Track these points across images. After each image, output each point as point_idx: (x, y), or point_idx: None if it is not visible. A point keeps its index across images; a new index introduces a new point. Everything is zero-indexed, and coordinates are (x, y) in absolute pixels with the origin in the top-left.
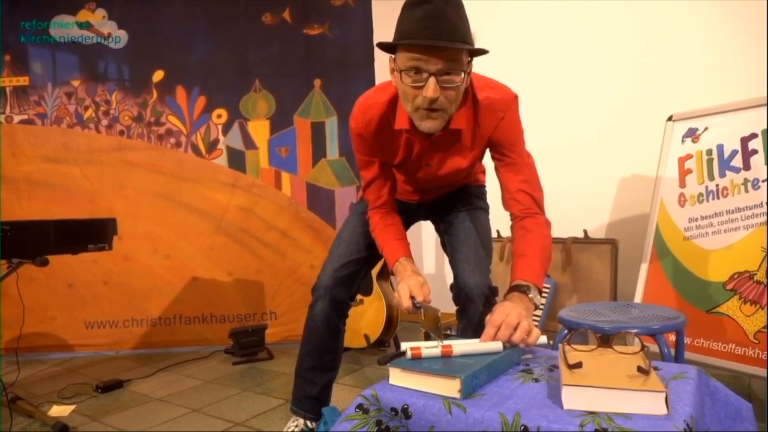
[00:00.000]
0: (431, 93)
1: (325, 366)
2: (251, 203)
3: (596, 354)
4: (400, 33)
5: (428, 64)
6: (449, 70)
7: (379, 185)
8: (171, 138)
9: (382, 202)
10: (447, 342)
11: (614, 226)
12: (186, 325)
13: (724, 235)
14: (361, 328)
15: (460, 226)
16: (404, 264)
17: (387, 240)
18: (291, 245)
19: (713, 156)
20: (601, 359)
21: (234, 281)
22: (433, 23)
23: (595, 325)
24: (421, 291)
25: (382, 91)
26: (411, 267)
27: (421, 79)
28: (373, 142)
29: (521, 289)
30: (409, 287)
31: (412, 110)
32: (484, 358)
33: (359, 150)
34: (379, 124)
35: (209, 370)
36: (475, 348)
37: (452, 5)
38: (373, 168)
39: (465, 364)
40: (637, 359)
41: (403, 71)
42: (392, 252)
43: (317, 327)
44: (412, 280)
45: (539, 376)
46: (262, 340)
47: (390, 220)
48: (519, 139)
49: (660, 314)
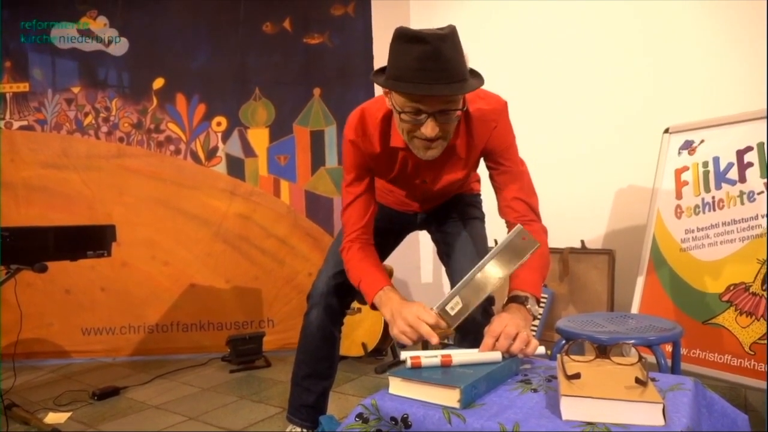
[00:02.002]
0: (430, 132)
1: (320, 374)
2: (250, 210)
3: (594, 365)
4: (396, 73)
5: (427, 105)
6: (448, 109)
7: (363, 206)
8: (170, 145)
9: (362, 229)
10: (446, 351)
11: (611, 236)
12: (183, 332)
13: (720, 247)
14: (358, 336)
15: (457, 236)
16: (389, 294)
17: (365, 270)
18: (289, 253)
19: (709, 168)
20: (599, 370)
21: (232, 288)
22: (431, 65)
23: (592, 335)
24: (429, 314)
25: (378, 104)
26: (398, 296)
27: (420, 118)
28: (367, 154)
29: (519, 299)
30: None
31: (410, 140)
32: (483, 368)
33: (351, 162)
34: (375, 137)
35: (206, 377)
36: (474, 358)
37: (448, 42)
38: (361, 185)
39: (464, 374)
40: (634, 370)
41: (401, 112)
42: (374, 282)
43: (312, 334)
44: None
45: (538, 387)
46: (260, 347)
47: (369, 252)
48: (512, 146)
49: (657, 325)
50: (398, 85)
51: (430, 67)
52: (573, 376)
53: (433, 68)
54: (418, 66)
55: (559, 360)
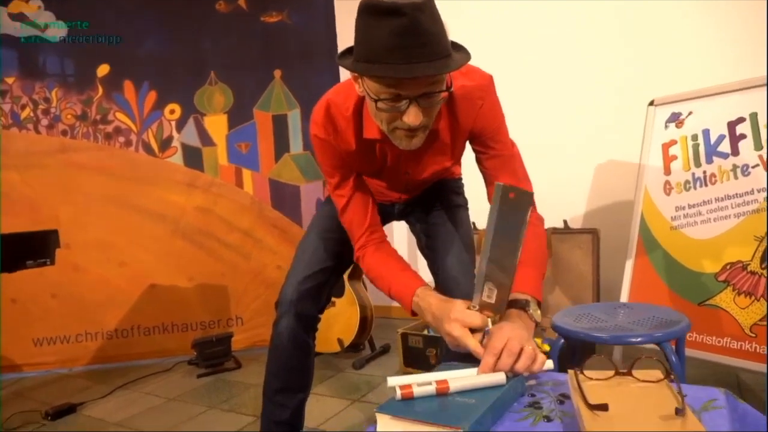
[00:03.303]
0: (414, 120)
1: (294, 387)
2: (211, 203)
3: (614, 384)
4: (367, 54)
5: (407, 90)
6: (431, 91)
7: (361, 205)
8: (120, 137)
9: (369, 230)
10: (442, 375)
11: (595, 215)
12: (145, 336)
13: (713, 224)
14: (333, 332)
15: (441, 228)
16: (425, 296)
17: (390, 276)
18: (255, 246)
19: (699, 141)
20: (622, 393)
21: (195, 287)
22: (409, 41)
23: (591, 334)
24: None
25: (345, 92)
26: (435, 296)
27: (399, 105)
28: (342, 151)
29: (519, 304)
30: (460, 322)
31: (388, 131)
32: (485, 394)
33: (330, 163)
34: (348, 132)
35: (172, 385)
36: (474, 382)
37: (426, 12)
38: (350, 184)
39: (465, 406)
40: (663, 391)
41: (377, 100)
42: (404, 287)
43: (283, 346)
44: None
45: (550, 413)
46: (228, 349)
47: (386, 252)
48: (501, 127)
49: (660, 317)
50: (372, 68)
51: (408, 43)
52: (598, 406)
53: (412, 44)
54: (394, 43)
55: (572, 378)
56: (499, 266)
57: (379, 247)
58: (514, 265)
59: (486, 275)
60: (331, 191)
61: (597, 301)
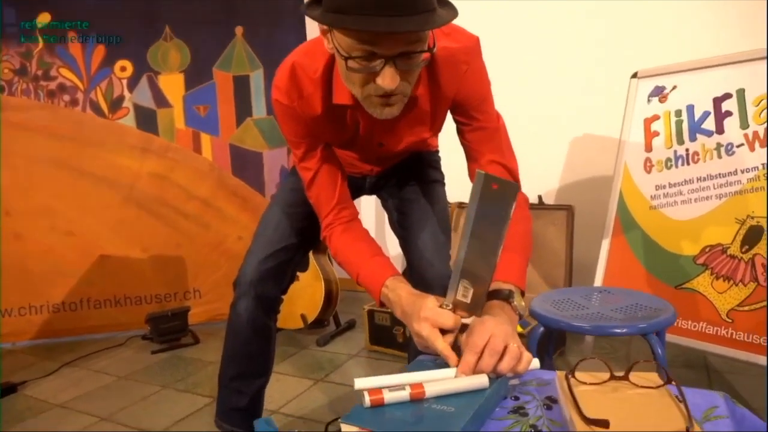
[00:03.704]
0: (389, 83)
1: (253, 373)
2: (166, 169)
3: (609, 391)
4: (338, 3)
5: (383, 47)
6: (411, 51)
7: (329, 179)
8: (65, 95)
9: (337, 207)
10: (416, 377)
11: (570, 191)
12: (95, 310)
13: (694, 205)
14: (297, 307)
15: (415, 205)
16: (396, 288)
17: (358, 261)
18: (215, 216)
19: (683, 118)
20: (619, 401)
21: (150, 258)
22: None
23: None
24: (450, 318)
25: (313, 52)
26: (406, 289)
27: (374, 65)
28: (307, 118)
29: (502, 295)
30: (431, 322)
31: (361, 96)
32: (466, 399)
33: (293, 132)
34: (315, 97)
35: (124, 361)
36: (453, 386)
37: None
38: (316, 155)
39: (444, 416)
40: (663, 399)
41: (348, 58)
42: (373, 275)
43: (241, 329)
44: (425, 311)
45: (537, 420)
46: (185, 323)
47: (356, 234)
48: (487, 96)
49: (644, 304)
50: (343, 20)
51: None
52: (598, 422)
53: None
54: None
55: (562, 383)
56: (478, 263)
57: (348, 228)
58: (494, 263)
59: (462, 272)
60: (297, 163)
61: (569, 280)
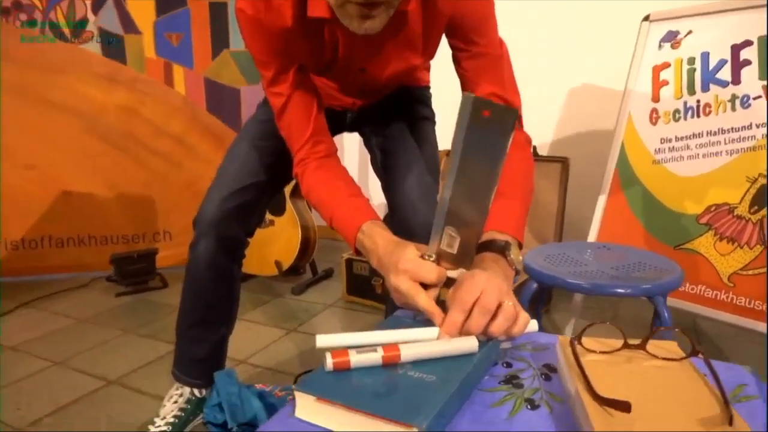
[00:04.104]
0: None
1: (213, 321)
2: (136, 102)
3: (623, 361)
4: None
5: None
6: None
7: (302, 106)
8: (21, 14)
9: (313, 141)
10: (390, 336)
11: (566, 143)
12: (58, 249)
13: (702, 161)
14: (271, 253)
15: (400, 144)
16: (372, 234)
17: (333, 202)
18: (187, 154)
19: (696, 66)
20: (635, 376)
21: (117, 196)
22: None
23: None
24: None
25: None
26: (385, 235)
27: None
28: (277, 34)
29: (497, 246)
30: (410, 275)
31: (338, 6)
32: (450, 366)
33: (261, 48)
34: (285, 6)
35: (85, 304)
36: (436, 349)
37: None
38: (289, 78)
39: (423, 387)
40: (687, 372)
41: None
42: (348, 219)
43: (201, 273)
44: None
45: (533, 393)
46: (152, 266)
47: (332, 171)
48: (490, 17)
49: (647, 262)
50: None
51: None
52: (614, 403)
53: None
54: None
55: (566, 351)
56: (466, 206)
57: (323, 164)
58: (486, 206)
59: (447, 216)
60: (266, 88)
61: (560, 236)
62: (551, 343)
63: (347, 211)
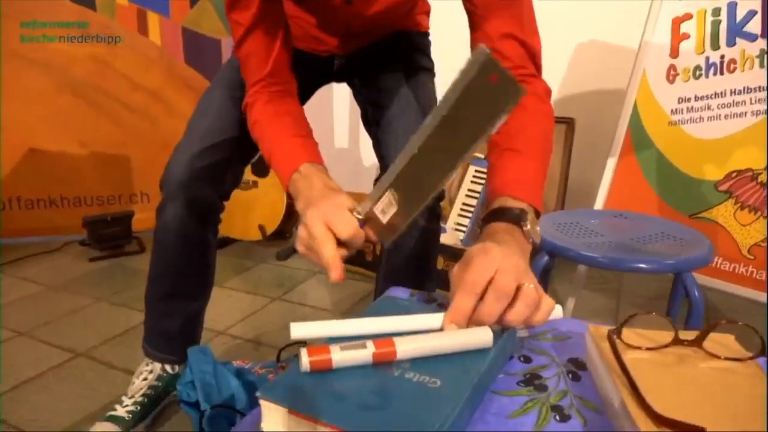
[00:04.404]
0: None
1: (185, 293)
2: (107, 54)
3: (674, 362)
4: None
5: None
6: None
7: (265, 40)
8: None
9: (270, 79)
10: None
11: (572, 103)
12: (27, 210)
13: (723, 122)
14: (255, 217)
15: (394, 96)
16: (310, 175)
17: (276, 139)
18: (164, 110)
19: (721, 17)
20: (690, 379)
21: (90, 155)
22: None
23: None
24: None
25: None
26: (325, 180)
27: None
28: None
29: (511, 215)
30: (325, 221)
31: None
32: (459, 367)
33: None
34: None
35: (56, 269)
36: (442, 344)
37: None
38: (249, 9)
39: (424, 395)
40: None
41: None
42: (287, 157)
43: (169, 241)
44: (325, 207)
45: (560, 398)
46: (128, 229)
47: (284, 106)
48: None
49: (671, 233)
50: None
51: None
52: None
53: None
54: None
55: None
56: (422, 175)
57: (275, 98)
58: (442, 181)
59: (398, 178)
60: (227, 13)
61: (562, 204)
62: (576, 331)
63: (290, 149)
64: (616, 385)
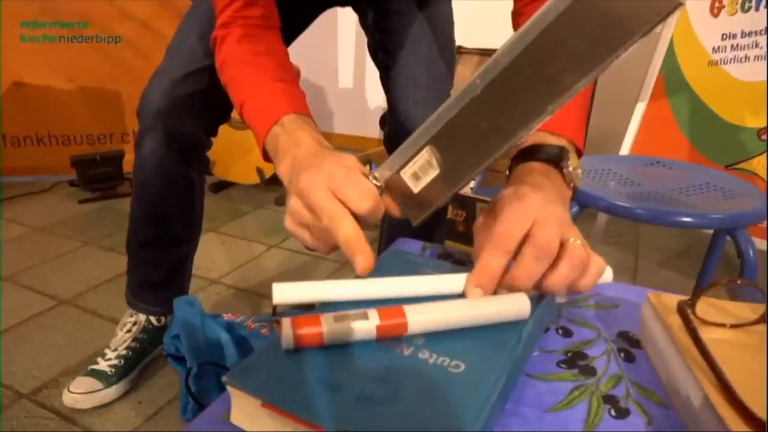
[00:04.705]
0: None
1: (169, 239)
2: None
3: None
4: None
5: None
6: None
7: None
8: None
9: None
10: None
11: None
12: (13, 148)
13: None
14: (253, 159)
15: (405, 21)
16: (295, 129)
17: (254, 83)
18: (157, 42)
19: None
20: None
21: (78, 90)
22: None
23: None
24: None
25: None
26: (314, 134)
27: None
28: None
29: (550, 153)
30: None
31: None
32: (487, 346)
33: None
34: None
35: (44, 210)
36: (466, 314)
37: None
38: None
39: (445, 382)
40: None
41: None
42: (267, 105)
43: (148, 178)
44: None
45: (612, 387)
46: (119, 170)
47: (261, 45)
48: None
49: (719, 185)
50: None
51: None
52: None
53: None
54: None
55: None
56: (486, 124)
57: (251, 33)
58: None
59: (446, 127)
60: None
61: None
62: (624, 298)
63: (268, 97)
64: (695, 374)
